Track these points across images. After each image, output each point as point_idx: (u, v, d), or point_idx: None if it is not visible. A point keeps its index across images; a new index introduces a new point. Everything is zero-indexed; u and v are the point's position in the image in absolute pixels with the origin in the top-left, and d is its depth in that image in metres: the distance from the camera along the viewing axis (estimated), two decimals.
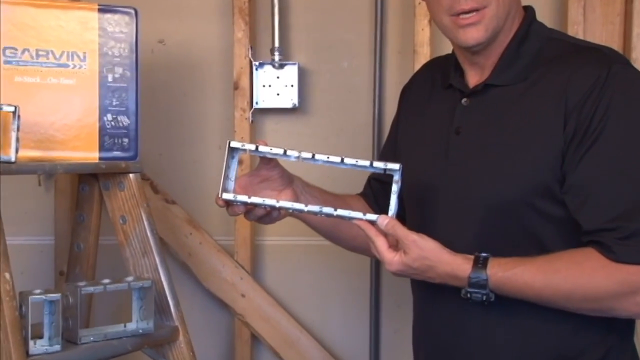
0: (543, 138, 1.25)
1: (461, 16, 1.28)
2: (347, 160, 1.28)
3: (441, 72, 1.44)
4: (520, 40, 1.33)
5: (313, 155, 1.28)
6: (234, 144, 1.30)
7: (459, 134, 1.33)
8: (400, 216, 1.33)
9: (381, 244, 1.26)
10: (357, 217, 1.27)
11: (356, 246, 1.50)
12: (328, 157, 1.28)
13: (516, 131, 1.28)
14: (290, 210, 1.33)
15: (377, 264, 2.06)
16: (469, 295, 1.24)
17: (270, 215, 1.35)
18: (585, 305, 1.22)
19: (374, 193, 1.54)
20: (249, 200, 1.29)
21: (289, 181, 1.39)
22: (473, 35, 1.28)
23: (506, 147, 1.28)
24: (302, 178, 1.43)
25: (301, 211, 1.29)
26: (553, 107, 1.25)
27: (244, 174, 1.41)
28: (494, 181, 1.28)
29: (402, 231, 1.25)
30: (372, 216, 1.27)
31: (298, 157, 1.29)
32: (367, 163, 1.28)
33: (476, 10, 1.27)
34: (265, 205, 1.30)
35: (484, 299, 1.23)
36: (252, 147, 1.30)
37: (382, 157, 1.55)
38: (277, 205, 1.30)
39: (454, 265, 1.24)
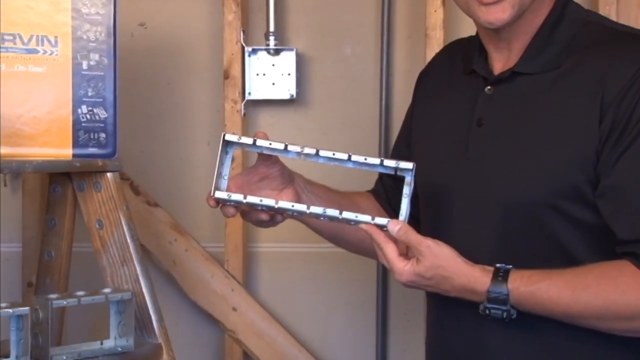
0: (575, 134, 1.24)
1: None
2: (355, 158, 1.27)
3: (463, 55, 1.43)
4: (554, 24, 1.31)
5: (317, 152, 1.28)
6: (229, 137, 1.29)
7: (481, 126, 1.33)
8: (414, 216, 1.33)
9: (390, 251, 1.25)
10: (364, 220, 1.26)
11: (363, 249, 1.48)
12: (334, 154, 1.27)
13: (544, 125, 1.27)
14: (290, 213, 1.32)
15: (384, 273, 2.06)
16: (487, 311, 1.23)
17: (272, 218, 1.34)
18: (619, 324, 1.22)
19: (386, 190, 1.53)
20: (244, 200, 1.28)
21: (290, 179, 1.38)
22: (497, 15, 1.27)
23: (532, 143, 1.27)
24: (303, 176, 1.43)
25: (302, 213, 1.29)
26: (587, 100, 1.23)
27: (241, 172, 1.42)
28: (518, 180, 1.27)
29: (415, 237, 1.24)
30: (381, 220, 1.26)
31: (299, 154, 1.28)
32: (377, 161, 1.27)
33: None
34: (262, 206, 1.29)
35: (504, 315, 1.23)
36: (250, 140, 1.28)
37: (395, 151, 1.55)
38: (276, 206, 1.29)
39: (471, 277, 1.23)
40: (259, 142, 1.28)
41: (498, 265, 1.24)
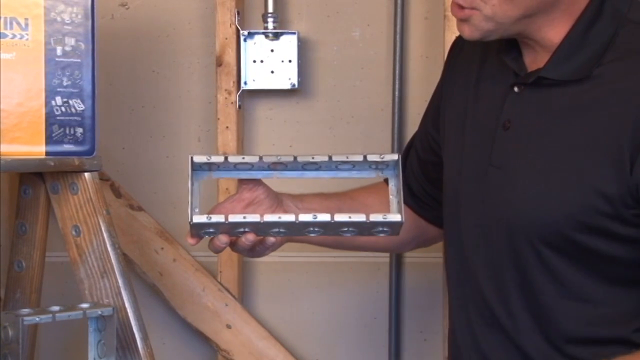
0: (595, 160, 1.24)
1: (457, 5, 1.30)
2: (336, 158, 1.31)
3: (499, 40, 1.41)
4: (589, 21, 1.29)
5: (295, 158, 1.32)
6: (198, 159, 1.34)
7: (507, 130, 1.34)
8: (436, 199, 1.47)
9: None
10: (358, 220, 1.28)
11: (378, 245, 1.55)
12: (315, 160, 1.32)
13: (567, 142, 1.27)
14: (277, 231, 1.34)
15: (398, 286, 2.05)
16: None
17: (263, 243, 1.37)
18: None
19: (407, 175, 1.56)
20: (226, 221, 1.31)
21: (278, 201, 1.44)
22: (464, 31, 1.31)
23: (554, 159, 1.28)
24: (291, 193, 1.48)
25: (292, 225, 1.31)
26: (616, 123, 1.23)
27: (224, 201, 1.46)
28: (541, 199, 1.29)
29: None
30: (376, 217, 1.28)
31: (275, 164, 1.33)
32: (359, 157, 1.31)
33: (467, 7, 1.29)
34: (246, 224, 1.32)
35: None
36: (220, 159, 1.34)
37: (423, 131, 1.58)
38: (262, 221, 1.31)
39: None
40: (231, 159, 1.33)
41: None
